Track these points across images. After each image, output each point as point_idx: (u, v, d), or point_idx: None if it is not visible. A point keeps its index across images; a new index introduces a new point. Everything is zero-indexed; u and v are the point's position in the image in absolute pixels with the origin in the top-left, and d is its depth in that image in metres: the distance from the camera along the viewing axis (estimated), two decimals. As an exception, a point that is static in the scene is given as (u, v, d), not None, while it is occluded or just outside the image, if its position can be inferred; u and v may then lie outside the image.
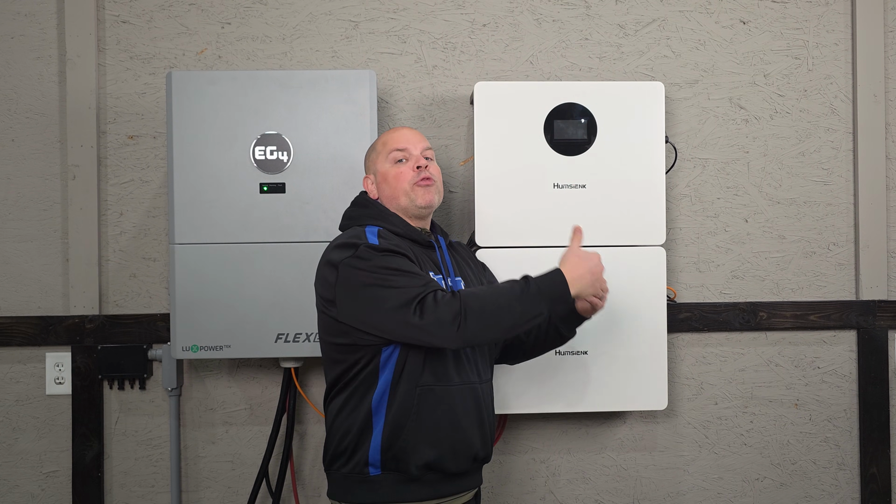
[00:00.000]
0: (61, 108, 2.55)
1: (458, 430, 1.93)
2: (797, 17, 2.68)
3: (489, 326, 1.82)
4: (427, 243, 2.03)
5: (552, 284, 1.86)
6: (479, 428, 1.97)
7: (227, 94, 2.32)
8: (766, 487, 2.68)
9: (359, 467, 1.91)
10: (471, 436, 1.95)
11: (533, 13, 2.63)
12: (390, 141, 2.05)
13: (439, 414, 1.91)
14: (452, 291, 1.84)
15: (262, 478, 2.50)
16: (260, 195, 2.33)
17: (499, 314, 1.82)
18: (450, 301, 1.81)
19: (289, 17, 2.59)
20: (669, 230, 2.63)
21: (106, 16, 2.56)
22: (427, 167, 2.02)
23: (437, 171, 2.05)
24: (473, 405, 1.96)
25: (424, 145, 2.05)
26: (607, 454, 2.65)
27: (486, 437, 2.00)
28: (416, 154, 2.02)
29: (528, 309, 1.83)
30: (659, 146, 2.42)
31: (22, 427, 2.55)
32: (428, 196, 2.00)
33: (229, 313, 2.31)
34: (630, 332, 2.41)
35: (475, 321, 1.80)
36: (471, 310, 1.80)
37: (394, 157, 2.02)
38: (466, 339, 1.82)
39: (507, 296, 1.83)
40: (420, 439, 1.89)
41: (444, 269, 2.02)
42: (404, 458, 1.89)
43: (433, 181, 2.02)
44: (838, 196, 2.69)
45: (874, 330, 2.67)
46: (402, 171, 2.01)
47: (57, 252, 2.55)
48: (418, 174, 2.00)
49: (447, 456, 1.91)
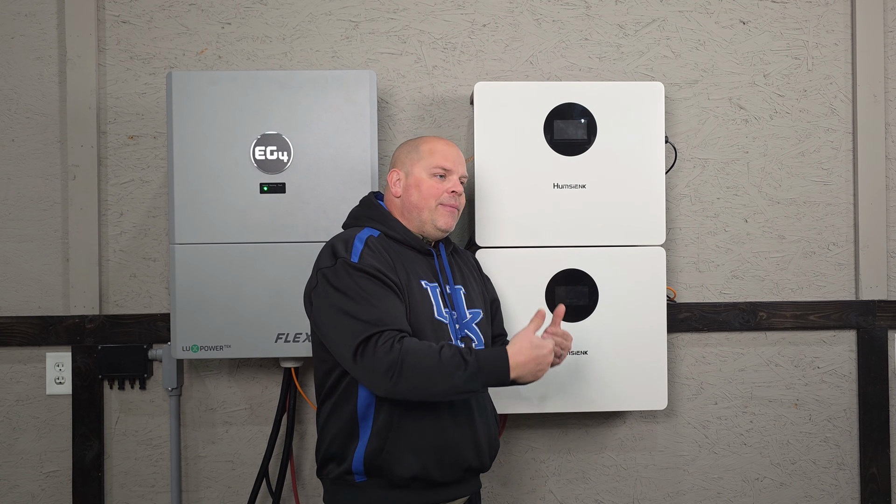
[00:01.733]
0: (61, 108, 2.55)
1: (446, 442, 1.90)
2: (797, 17, 2.68)
3: (420, 389, 1.78)
4: (426, 251, 2.01)
5: (493, 367, 1.80)
6: (472, 439, 1.94)
7: (227, 94, 2.32)
8: (765, 487, 2.68)
9: (345, 473, 1.90)
10: (461, 447, 1.92)
11: (533, 13, 2.63)
12: (438, 154, 2.02)
13: (425, 425, 1.88)
14: (399, 339, 1.78)
15: (262, 478, 2.50)
16: (260, 195, 2.33)
17: (433, 380, 1.77)
18: (388, 352, 1.76)
19: (289, 17, 2.59)
20: (669, 230, 2.64)
21: (106, 16, 2.56)
22: (460, 195, 2.03)
23: (463, 200, 2.06)
24: (464, 415, 1.93)
25: (463, 172, 2.05)
26: (607, 454, 2.65)
27: (479, 448, 1.96)
28: (455, 179, 2.02)
29: (463, 384, 1.78)
30: (659, 146, 2.42)
31: (22, 427, 2.55)
32: (449, 221, 2.01)
33: (229, 313, 2.31)
34: (630, 332, 2.41)
35: (407, 381, 1.76)
36: (406, 367, 1.76)
37: (436, 171, 2.00)
38: (396, 394, 1.79)
39: (447, 365, 1.77)
40: (404, 450, 1.87)
41: (441, 276, 2.00)
42: (388, 468, 1.87)
43: (455, 211, 2.02)
44: (838, 196, 2.69)
45: (874, 330, 2.67)
46: (438, 187, 2.00)
47: (57, 252, 2.55)
48: (449, 198, 2.00)
49: (433, 467, 1.88)
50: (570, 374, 2.39)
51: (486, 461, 1.99)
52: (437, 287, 1.97)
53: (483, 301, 2.11)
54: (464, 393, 1.81)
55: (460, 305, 2.01)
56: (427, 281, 1.96)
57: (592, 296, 2.40)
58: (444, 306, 1.97)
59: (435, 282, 1.98)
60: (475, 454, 1.95)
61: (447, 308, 1.97)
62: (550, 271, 2.40)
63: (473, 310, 2.04)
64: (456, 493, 1.96)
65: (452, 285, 2.02)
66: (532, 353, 1.82)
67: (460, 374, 1.77)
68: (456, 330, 1.97)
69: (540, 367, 1.84)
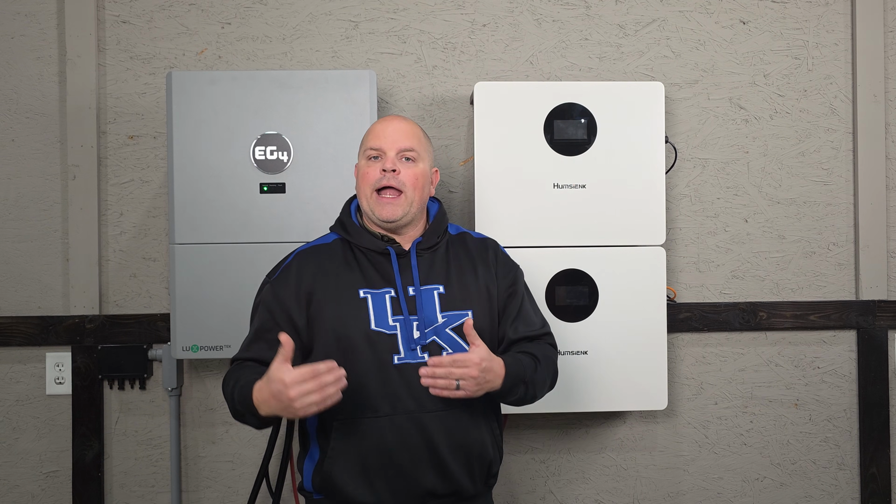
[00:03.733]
0: (61, 108, 2.55)
1: (394, 467, 1.73)
2: (797, 17, 2.68)
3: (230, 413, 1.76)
4: (384, 251, 1.83)
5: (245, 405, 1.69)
6: (433, 461, 1.74)
7: (227, 94, 2.32)
8: (766, 487, 2.68)
9: (303, 489, 1.86)
10: (415, 472, 1.74)
11: (533, 13, 2.63)
12: (371, 133, 1.86)
13: (365, 448, 1.74)
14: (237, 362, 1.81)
15: (262, 478, 2.50)
16: (260, 195, 2.33)
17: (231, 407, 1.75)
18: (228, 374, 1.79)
19: (289, 17, 2.59)
20: (669, 230, 2.64)
21: (106, 16, 2.56)
22: (396, 172, 1.80)
23: (411, 177, 1.81)
24: (418, 437, 1.74)
25: (403, 145, 1.82)
26: (607, 454, 2.65)
27: (446, 471, 1.75)
28: (391, 154, 1.81)
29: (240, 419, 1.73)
30: (659, 146, 2.42)
31: (22, 427, 2.55)
32: (388, 211, 1.80)
33: (229, 313, 2.31)
34: (630, 332, 2.41)
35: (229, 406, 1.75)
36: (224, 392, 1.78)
37: (369, 153, 1.84)
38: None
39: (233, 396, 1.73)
40: (351, 473, 1.74)
41: (401, 279, 1.80)
42: (337, 491, 1.76)
43: (396, 195, 1.80)
44: (838, 196, 2.69)
45: (874, 330, 2.67)
46: (370, 171, 1.82)
47: (57, 252, 2.55)
48: (380, 179, 1.80)
49: (384, 493, 1.74)
50: (571, 374, 2.39)
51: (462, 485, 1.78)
52: (390, 292, 1.79)
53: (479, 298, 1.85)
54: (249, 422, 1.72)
55: (428, 309, 1.79)
56: (370, 288, 1.79)
57: (592, 296, 2.40)
58: (395, 313, 1.78)
59: (388, 287, 1.80)
60: (439, 478, 1.76)
61: (399, 315, 1.78)
62: (550, 271, 2.40)
63: (452, 312, 1.81)
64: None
65: (419, 286, 1.81)
66: (269, 388, 1.61)
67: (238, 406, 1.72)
68: (413, 338, 1.76)
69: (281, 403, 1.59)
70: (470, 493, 1.81)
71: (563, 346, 2.39)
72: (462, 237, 1.97)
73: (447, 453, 1.76)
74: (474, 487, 1.81)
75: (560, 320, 2.39)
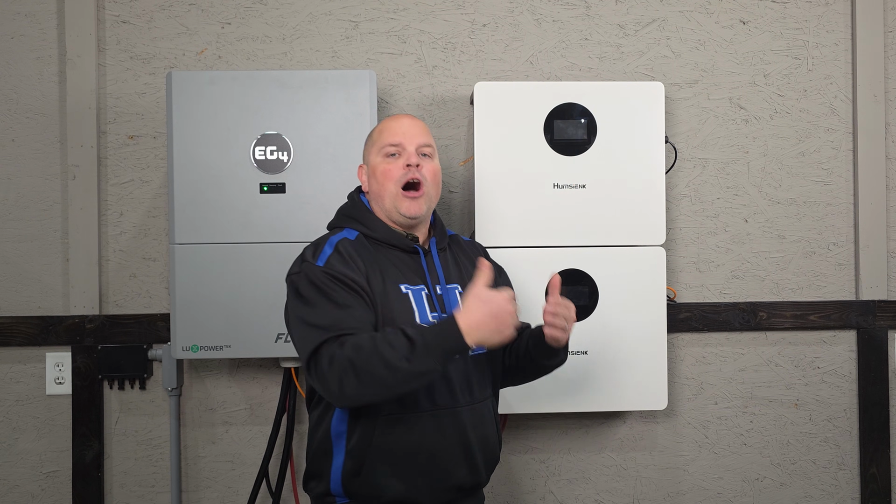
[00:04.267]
0: (61, 108, 2.55)
1: (433, 462, 1.75)
2: (797, 17, 2.68)
3: (370, 385, 1.62)
4: (411, 249, 1.85)
5: (443, 337, 1.61)
6: (465, 455, 1.78)
7: (227, 94, 2.32)
8: (766, 487, 2.68)
9: (325, 494, 1.79)
10: (450, 466, 1.76)
11: (533, 13, 2.63)
12: (385, 131, 1.86)
13: (408, 445, 1.73)
14: (340, 343, 1.63)
15: (262, 478, 2.50)
16: (260, 195, 2.33)
17: (380, 372, 1.60)
18: (331, 360, 1.63)
19: (289, 17, 2.59)
20: (669, 230, 2.64)
21: (106, 16, 2.56)
22: (419, 167, 1.82)
23: (431, 171, 1.85)
24: (454, 431, 1.77)
25: (421, 140, 1.85)
26: (607, 454, 2.65)
27: (474, 464, 1.80)
28: (411, 150, 1.83)
29: (415, 366, 1.60)
30: (659, 146, 2.42)
31: (22, 427, 2.55)
32: (413, 207, 1.82)
33: (229, 313, 2.31)
34: (630, 332, 2.41)
35: (354, 382, 1.61)
36: (351, 369, 1.61)
37: (386, 150, 1.83)
38: (350, 401, 1.65)
39: (392, 350, 1.60)
40: (387, 472, 1.73)
41: (430, 277, 1.84)
42: (368, 492, 1.74)
43: (421, 191, 1.82)
44: (838, 196, 2.69)
45: (874, 330, 2.67)
46: (391, 168, 1.82)
47: (57, 252, 2.55)
48: (406, 174, 1.81)
49: (420, 489, 1.75)
50: (570, 374, 2.39)
51: (482, 478, 1.85)
52: (424, 289, 1.81)
53: None
54: (424, 375, 1.62)
55: (454, 307, 1.82)
56: (409, 284, 1.80)
57: (592, 296, 2.40)
58: (432, 310, 1.80)
59: (420, 284, 1.82)
60: (468, 472, 1.80)
61: (435, 312, 1.81)
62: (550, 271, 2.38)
63: None
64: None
65: (444, 285, 1.85)
66: (485, 309, 1.60)
67: (407, 354, 1.59)
68: None
69: (500, 322, 1.61)
70: (483, 482, 1.87)
71: (563, 346, 2.39)
72: (456, 239, 2.02)
73: (475, 446, 1.80)
74: (486, 477, 1.87)
75: (560, 320, 2.39)
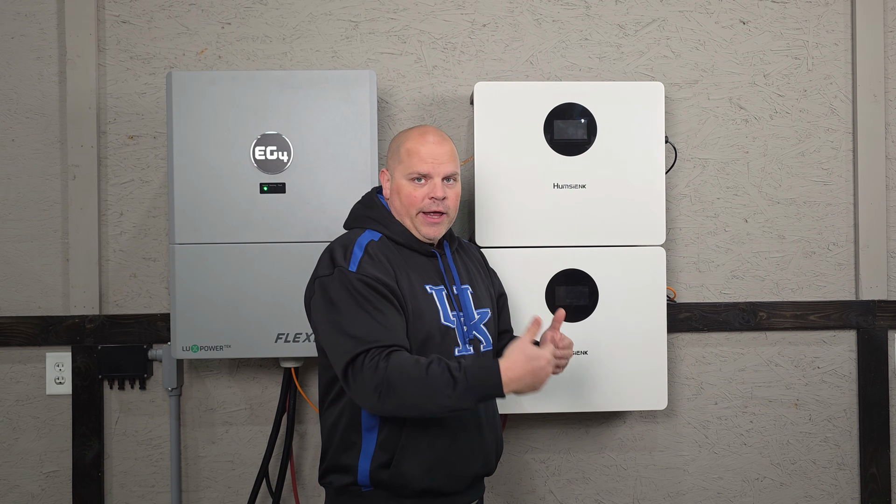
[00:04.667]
0: (61, 108, 2.55)
1: (455, 453, 1.86)
2: (797, 17, 2.68)
3: (407, 408, 1.72)
4: (429, 253, 1.94)
5: (485, 384, 1.70)
6: (480, 446, 1.90)
7: (227, 94, 2.32)
8: (765, 487, 2.68)
9: (350, 485, 1.86)
10: (469, 456, 1.88)
11: (533, 13, 2.63)
12: (414, 157, 1.90)
13: (434, 437, 1.83)
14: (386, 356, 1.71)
15: (262, 478, 2.50)
16: (260, 195, 2.33)
17: (421, 400, 1.70)
18: (374, 372, 1.70)
19: (289, 17, 2.59)
20: (669, 230, 2.64)
21: (106, 16, 2.56)
22: (445, 200, 1.89)
23: (454, 198, 1.92)
24: (473, 423, 1.89)
25: (449, 170, 1.90)
26: (607, 454, 2.65)
27: (487, 454, 1.92)
28: (437, 182, 1.89)
29: (454, 403, 1.70)
30: (659, 146, 2.42)
31: (22, 427, 2.55)
32: (432, 231, 1.91)
33: (229, 313, 2.31)
34: (630, 332, 2.41)
35: (394, 401, 1.70)
36: (393, 388, 1.69)
37: (413, 175, 1.89)
38: (385, 413, 1.75)
39: (435, 383, 1.69)
40: (413, 463, 1.82)
41: (447, 278, 1.93)
42: (396, 482, 1.82)
43: (443, 217, 1.91)
44: (838, 196, 2.69)
45: (874, 330, 2.67)
46: (416, 194, 1.89)
47: (57, 252, 2.55)
48: (429, 205, 1.89)
49: (443, 479, 1.85)
50: (570, 374, 2.39)
51: (492, 466, 1.97)
52: (444, 290, 1.91)
53: (490, 298, 2.04)
54: (456, 411, 1.72)
55: (468, 306, 1.94)
56: (432, 285, 1.90)
57: (592, 296, 2.40)
58: (452, 309, 1.90)
59: (441, 284, 1.91)
60: (484, 462, 1.92)
61: (454, 311, 1.91)
62: (550, 271, 2.40)
63: (481, 310, 1.97)
64: (463, 500, 1.93)
65: (459, 286, 1.95)
66: (528, 367, 1.71)
67: (449, 392, 1.68)
68: (464, 332, 1.91)
69: (537, 380, 1.73)
70: (493, 471, 1.99)
71: (563, 346, 2.39)
72: (458, 240, 2.10)
73: (488, 436, 1.93)
74: (495, 466, 1.99)
75: (560, 320, 2.39)
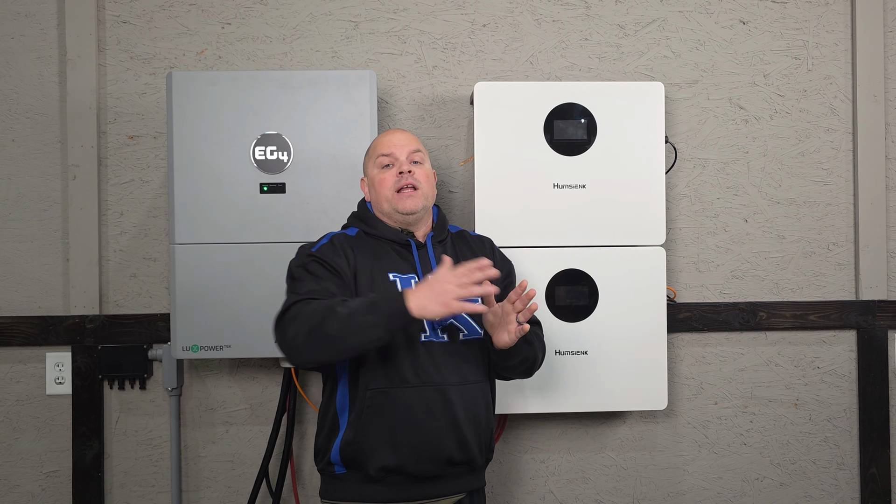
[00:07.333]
0: (61, 108, 2.55)
1: (420, 433, 1.90)
2: (797, 17, 2.68)
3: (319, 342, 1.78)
4: (405, 242, 2.01)
5: (389, 300, 1.78)
6: (454, 430, 1.91)
7: (227, 94, 2.32)
8: (765, 487, 2.68)
9: (328, 465, 1.96)
10: (439, 440, 1.91)
11: (533, 13, 2.63)
12: (378, 146, 2.06)
13: (396, 416, 1.89)
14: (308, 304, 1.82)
15: (263, 478, 2.50)
16: (260, 195, 2.33)
17: (326, 325, 1.76)
18: (294, 315, 1.81)
19: (289, 17, 2.59)
20: (669, 230, 2.64)
21: (106, 16, 2.56)
22: (412, 173, 2.00)
23: (423, 175, 2.03)
24: (442, 407, 1.91)
25: (411, 148, 2.04)
26: (607, 454, 2.65)
27: (464, 442, 1.93)
28: (402, 159, 2.02)
29: (357, 319, 1.76)
30: (659, 146, 2.42)
31: (22, 427, 2.55)
32: (410, 203, 1.99)
33: (229, 313, 2.31)
34: (630, 332, 2.41)
35: (305, 338, 1.78)
36: (291, 316, 1.81)
37: (380, 162, 2.03)
38: (302, 355, 1.83)
39: (345, 309, 1.78)
40: (377, 442, 1.89)
41: (421, 267, 1.98)
42: (362, 460, 1.90)
43: (417, 192, 2.00)
44: (838, 196, 2.69)
45: (874, 330, 2.67)
46: (385, 177, 2.01)
47: (57, 252, 2.55)
48: (399, 181, 1.99)
49: (408, 459, 1.90)
50: (570, 374, 2.40)
51: (474, 455, 1.96)
52: (414, 277, 1.96)
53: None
54: (366, 330, 1.75)
55: None
56: (398, 273, 1.96)
57: (592, 296, 2.40)
58: None
59: (411, 273, 1.97)
60: (458, 448, 1.93)
61: None
62: (550, 271, 2.40)
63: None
64: (443, 489, 1.95)
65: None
66: (425, 283, 1.78)
67: (360, 317, 1.75)
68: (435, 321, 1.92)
69: (440, 294, 1.75)
70: (478, 464, 1.99)
71: (563, 346, 2.39)
72: (462, 234, 2.15)
73: (465, 424, 1.93)
74: (481, 458, 1.99)
75: (560, 320, 2.39)
